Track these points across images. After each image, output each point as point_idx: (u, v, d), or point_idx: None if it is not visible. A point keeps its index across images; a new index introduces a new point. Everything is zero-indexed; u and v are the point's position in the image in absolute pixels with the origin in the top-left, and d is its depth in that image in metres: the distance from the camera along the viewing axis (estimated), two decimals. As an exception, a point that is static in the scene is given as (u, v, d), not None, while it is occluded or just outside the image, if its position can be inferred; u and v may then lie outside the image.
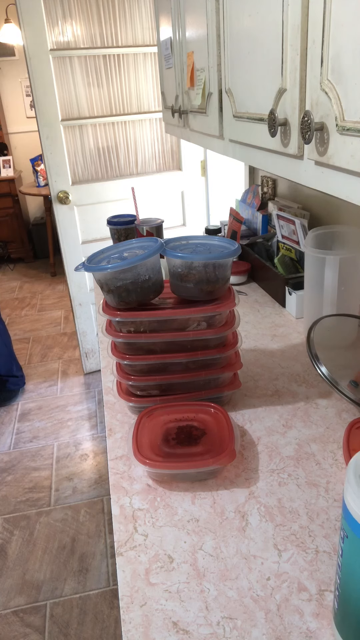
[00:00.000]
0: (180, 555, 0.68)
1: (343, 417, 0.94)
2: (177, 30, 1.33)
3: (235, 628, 0.59)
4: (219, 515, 0.74)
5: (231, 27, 0.93)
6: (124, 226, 1.62)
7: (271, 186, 1.78)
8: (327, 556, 0.67)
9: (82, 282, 2.59)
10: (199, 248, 0.93)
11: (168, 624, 0.60)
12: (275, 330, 1.28)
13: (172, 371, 0.93)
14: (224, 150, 1.10)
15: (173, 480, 0.81)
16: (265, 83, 0.79)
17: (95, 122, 2.36)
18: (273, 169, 0.83)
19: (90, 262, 0.91)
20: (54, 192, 2.39)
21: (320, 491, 0.77)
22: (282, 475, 0.81)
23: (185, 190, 2.63)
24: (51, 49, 2.16)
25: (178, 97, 1.44)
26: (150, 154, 2.52)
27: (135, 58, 2.32)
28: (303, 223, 1.32)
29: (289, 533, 0.71)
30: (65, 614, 1.57)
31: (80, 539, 1.83)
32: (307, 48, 0.65)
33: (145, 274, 0.88)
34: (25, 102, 4.74)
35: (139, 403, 0.95)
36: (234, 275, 1.56)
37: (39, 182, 4.44)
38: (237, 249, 0.90)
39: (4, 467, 2.22)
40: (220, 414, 0.88)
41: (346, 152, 0.57)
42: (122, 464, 0.86)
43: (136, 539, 0.71)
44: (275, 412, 0.97)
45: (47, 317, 3.71)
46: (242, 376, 1.09)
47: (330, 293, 1.12)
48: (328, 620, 0.59)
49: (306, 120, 0.63)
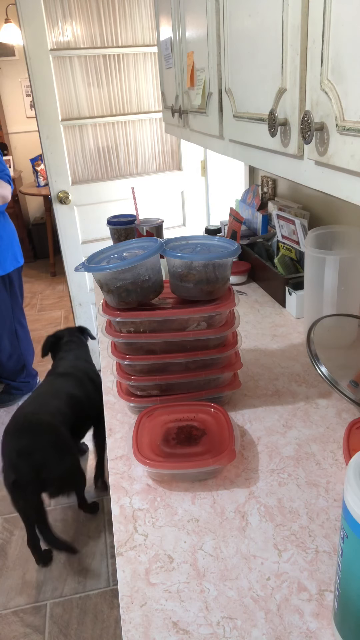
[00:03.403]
0: (180, 555, 0.68)
1: (343, 417, 0.94)
2: (177, 30, 1.33)
3: (235, 628, 0.59)
4: (219, 515, 0.74)
5: (231, 27, 0.93)
6: (124, 226, 1.62)
7: (271, 186, 1.78)
8: (327, 556, 0.67)
9: (82, 282, 2.59)
10: (199, 248, 0.93)
11: (168, 624, 0.60)
12: (275, 330, 1.28)
13: (172, 371, 0.93)
14: (224, 150, 1.10)
15: (173, 480, 0.81)
16: (265, 83, 0.79)
17: (95, 122, 2.36)
18: (273, 169, 0.83)
19: (90, 262, 0.91)
20: (54, 192, 2.39)
21: (320, 491, 0.77)
22: (282, 475, 0.81)
23: (185, 190, 2.63)
24: (51, 49, 2.16)
25: (178, 97, 1.44)
26: (150, 154, 2.52)
27: (135, 58, 2.32)
28: (303, 223, 1.32)
29: (289, 533, 0.71)
30: (65, 614, 1.57)
31: (80, 539, 1.83)
32: (307, 48, 0.65)
33: (145, 274, 0.88)
34: (25, 102, 4.74)
35: (139, 403, 0.95)
36: (234, 275, 1.56)
37: (39, 182, 4.44)
38: (237, 249, 0.90)
39: (4, 467, 2.22)
40: (220, 414, 0.88)
41: (346, 152, 0.57)
42: (122, 464, 0.86)
43: (136, 539, 0.71)
44: (275, 412, 0.97)
45: (47, 317, 3.71)
46: (242, 376, 1.09)
47: (330, 293, 1.12)
48: (328, 620, 0.59)
49: (306, 120, 0.63)
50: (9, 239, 2.34)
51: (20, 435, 1.52)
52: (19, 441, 1.51)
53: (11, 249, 2.35)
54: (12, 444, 1.51)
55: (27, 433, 1.52)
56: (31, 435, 1.52)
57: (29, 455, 1.48)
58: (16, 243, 2.40)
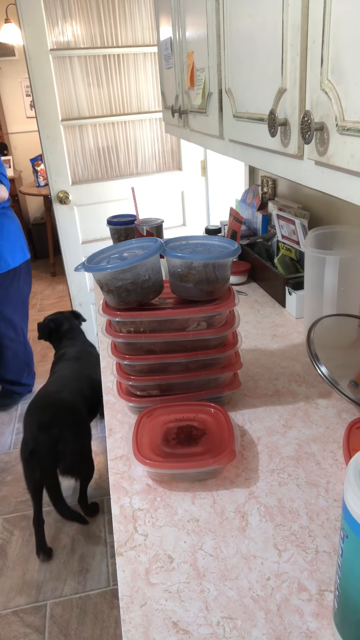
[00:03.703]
0: (180, 555, 0.68)
1: (343, 417, 0.94)
2: (177, 30, 1.33)
3: (235, 628, 0.59)
4: (219, 515, 0.74)
5: (231, 27, 0.93)
6: (124, 226, 1.62)
7: (271, 186, 1.78)
8: (327, 556, 0.67)
9: (82, 282, 2.59)
10: (198, 248, 0.93)
11: (168, 624, 0.60)
12: (275, 330, 1.28)
13: (172, 371, 0.93)
14: (224, 150, 1.10)
15: (173, 480, 0.81)
16: (265, 83, 0.79)
17: (95, 122, 2.36)
18: (273, 169, 0.83)
19: (90, 262, 0.91)
20: (54, 192, 2.39)
21: (320, 491, 0.77)
22: (282, 475, 0.81)
23: (185, 190, 2.63)
24: (51, 49, 2.16)
25: (178, 97, 1.44)
26: (150, 154, 2.52)
27: (135, 58, 2.32)
28: (303, 223, 1.32)
29: (289, 533, 0.71)
30: (65, 614, 1.57)
31: (80, 539, 1.83)
32: (307, 48, 0.65)
33: (145, 274, 0.88)
34: (25, 102, 4.74)
35: (139, 403, 0.95)
36: (234, 275, 1.56)
37: (39, 182, 4.44)
38: (237, 249, 0.90)
39: (4, 467, 2.22)
40: (220, 414, 0.88)
41: (346, 152, 0.57)
42: (122, 464, 0.86)
43: (136, 539, 0.71)
44: (275, 412, 0.97)
45: (47, 317, 3.71)
46: (242, 376, 1.09)
47: (330, 293, 1.12)
48: (328, 620, 0.59)
49: (306, 120, 0.63)
50: (16, 232, 2.33)
51: (42, 410, 1.67)
52: (41, 416, 1.65)
53: (19, 242, 2.35)
54: (35, 418, 1.65)
55: (49, 409, 1.67)
56: (52, 411, 1.66)
57: (49, 429, 1.62)
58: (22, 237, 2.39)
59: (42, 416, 1.65)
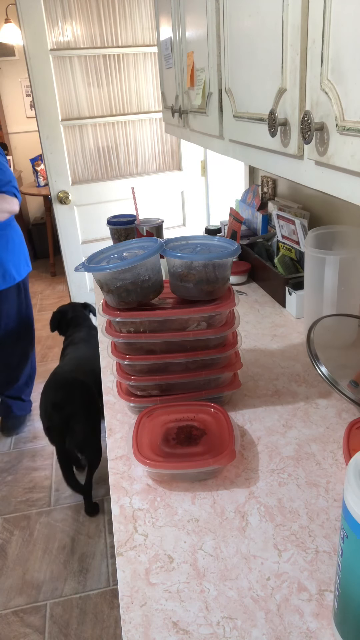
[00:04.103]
0: (180, 555, 0.68)
1: (343, 417, 0.94)
2: (177, 30, 1.33)
3: (235, 628, 0.59)
4: (219, 515, 0.74)
5: (231, 27, 0.93)
6: (124, 226, 1.62)
7: (271, 186, 1.78)
8: (327, 556, 0.67)
9: (82, 282, 2.59)
10: (198, 248, 0.93)
11: (168, 624, 0.60)
12: (275, 330, 1.28)
13: (172, 371, 0.93)
14: (224, 150, 1.10)
15: (173, 480, 0.81)
16: (265, 83, 0.79)
17: (95, 122, 2.36)
18: (273, 169, 0.83)
19: (90, 262, 0.91)
20: (54, 192, 2.39)
21: (320, 491, 0.77)
22: (282, 475, 0.81)
23: (185, 190, 2.63)
24: (51, 49, 2.16)
25: (178, 97, 1.44)
26: (150, 154, 2.52)
27: (135, 58, 2.32)
28: (303, 223, 1.32)
29: (289, 533, 0.71)
30: (65, 614, 1.57)
31: (80, 539, 1.83)
32: (307, 48, 0.65)
33: (145, 274, 0.88)
34: (25, 102, 4.74)
35: (139, 403, 0.95)
36: (234, 275, 1.56)
37: (39, 182, 4.44)
38: (237, 249, 0.90)
39: (4, 467, 2.22)
40: (220, 414, 0.88)
41: (346, 152, 0.57)
42: (122, 464, 0.86)
43: (136, 539, 0.71)
44: (275, 412, 0.97)
45: (47, 317, 3.71)
46: (242, 376, 1.09)
47: (330, 293, 1.12)
48: (328, 620, 0.59)
49: (306, 120, 0.63)
50: (20, 244, 2.29)
51: (56, 389, 1.78)
52: (55, 395, 1.76)
53: (23, 253, 2.31)
54: (50, 397, 1.76)
55: (63, 388, 1.78)
56: (66, 390, 1.77)
57: (62, 408, 1.73)
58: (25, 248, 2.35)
59: (56, 395, 1.75)
